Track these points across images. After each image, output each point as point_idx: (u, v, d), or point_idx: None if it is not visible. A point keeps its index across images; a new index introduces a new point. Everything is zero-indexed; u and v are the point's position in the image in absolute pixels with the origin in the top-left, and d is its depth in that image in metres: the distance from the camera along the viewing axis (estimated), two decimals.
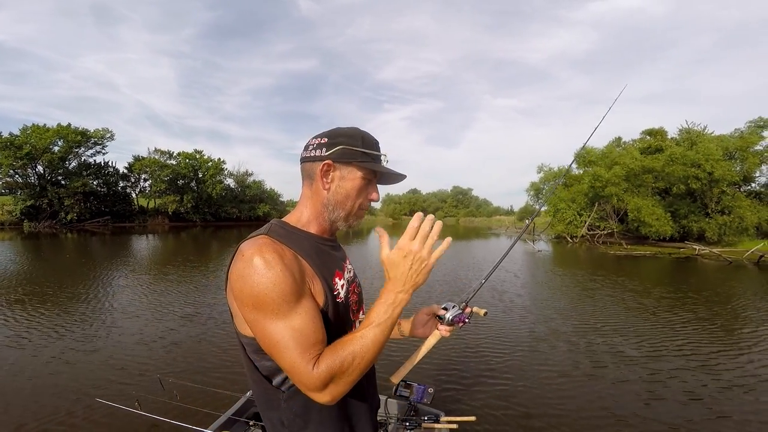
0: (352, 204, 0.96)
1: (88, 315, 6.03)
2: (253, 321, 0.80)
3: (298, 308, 0.79)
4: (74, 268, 10.72)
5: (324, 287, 0.88)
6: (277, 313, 0.77)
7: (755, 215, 20.99)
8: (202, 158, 41.69)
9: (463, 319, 1.07)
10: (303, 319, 0.79)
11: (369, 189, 0.99)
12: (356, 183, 0.95)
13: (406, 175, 1.02)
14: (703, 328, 5.86)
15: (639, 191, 23.62)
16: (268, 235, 0.87)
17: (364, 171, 0.95)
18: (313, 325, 0.80)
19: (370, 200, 0.99)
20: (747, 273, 12.31)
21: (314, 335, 0.79)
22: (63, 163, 34.02)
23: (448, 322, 1.06)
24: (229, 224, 40.20)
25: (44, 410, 3.23)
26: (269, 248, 0.80)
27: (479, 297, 7.09)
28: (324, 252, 0.96)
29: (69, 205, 32.88)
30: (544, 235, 29.75)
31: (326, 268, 0.92)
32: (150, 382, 3.68)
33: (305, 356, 0.76)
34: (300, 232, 0.95)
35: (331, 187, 0.94)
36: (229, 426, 1.98)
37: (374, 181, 1.00)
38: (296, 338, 0.77)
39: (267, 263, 0.78)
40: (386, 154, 1.01)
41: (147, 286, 8.25)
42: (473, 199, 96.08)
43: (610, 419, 3.26)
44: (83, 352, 4.54)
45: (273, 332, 0.77)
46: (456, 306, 1.08)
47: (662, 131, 27.58)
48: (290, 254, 0.84)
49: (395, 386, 1.84)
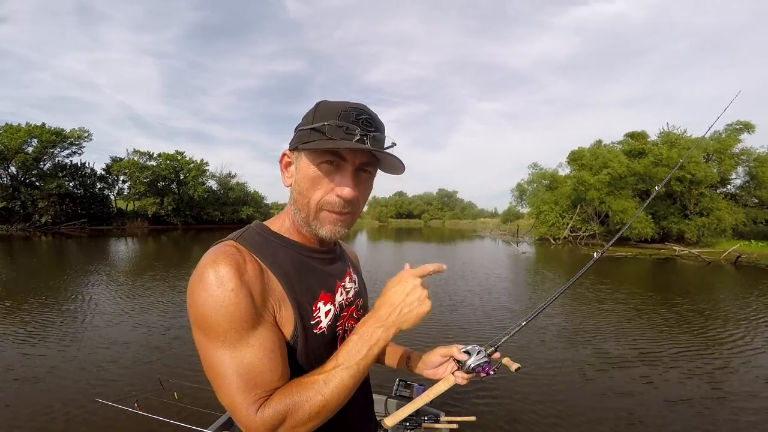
0: (307, 203, 0.73)
1: (87, 315, 6.03)
2: (197, 342, 0.66)
3: (251, 338, 0.64)
4: (65, 270, 10.35)
5: (294, 314, 0.72)
6: (223, 340, 0.63)
7: (732, 217, 21.52)
8: (183, 159, 40.80)
9: (488, 371, 0.85)
10: (254, 353, 0.64)
11: (335, 179, 0.72)
12: (307, 173, 0.72)
13: (400, 161, 0.74)
14: (685, 327, 5.86)
15: (621, 194, 24.01)
16: (237, 242, 0.72)
17: (314, 155, 0.72)
18: (268, 362, 0.65)
19: (338, 196, 0.72)
20: (725, 273, 12.52)
21: (266, 374, 0.64)
22: (37, 164, 32.90)
23: (468, 370, 0.85)
24: (211, 227, 39.45)
25: (44, 411, 3.20)
26: (227, 260, 0.65)
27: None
28: (308, 268, 0.78)
29: (43, 207, 31.78)
30: (528, 237, 30.05)
31: (305, 289, 0.75)
32: (150, 382, 3.65)
33: (249, 396, 0.63)
34: (280, 241, 0.78)
35: (292, 183, 0.76)
36: (228, 426, 1.95)
37: (345, 165, 0.72)
38: (242, 374, 0.63)
39: (219, 279, 0.63)
40: (369, 124, 0.72)
41: (145, 287, 8.05)
42: (458, 202, 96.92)
43: (609, 419, 3.27)
44: (83, 352, 4.51)
45: (215, 362, 0.64)
46: (482, 351, 0.86)
47: (644, 134, 28.18)
48: (255, 269, 0.69)
49: (395, 386, 1.86)
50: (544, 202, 27.55)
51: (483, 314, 6.50)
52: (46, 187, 32.17)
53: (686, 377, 4.10)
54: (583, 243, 24.47)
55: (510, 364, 0.96)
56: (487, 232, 41.02)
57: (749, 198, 23.98)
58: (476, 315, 6.44)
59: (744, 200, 24.04)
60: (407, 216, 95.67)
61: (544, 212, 27.19)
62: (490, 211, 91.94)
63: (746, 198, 24.07)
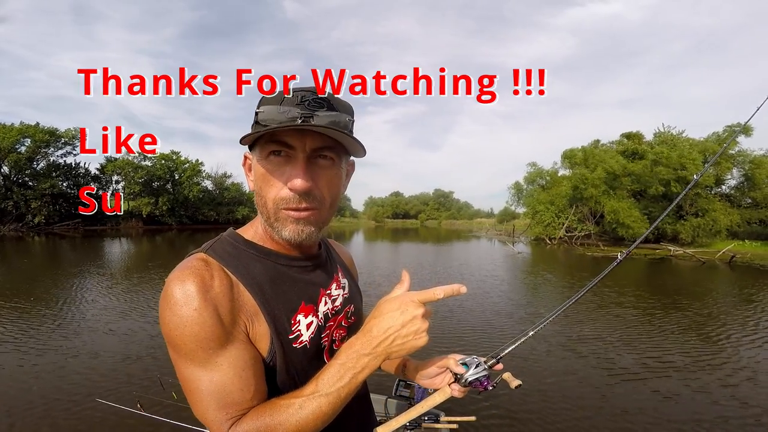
0: (264, 203, 0.68)
1: (86, 316, 6.00)
2: (171, 357, 0.64)
3: (220, 358, 0.61)
4: (60, 270, 10.24)
5: (270, 329, 0.67)
6: (192, 359, 0.61)
7: (727, 218, 21.66)
8: (178, 159, 40.54)
9: (486, 386, 0.77)
10: (223, 372, 0.61)
11: (287, 172, 0.65)
12: (258, 170, 0.68)
13: (357, 140, 0.68)
14: (683, 326, 5.85)
15: (616, 194, 24.12)
16: (207, 254, 0.68)
17: (260, 149, 0.67)
18: (239, 381, 0.62)
19: (290, 189, 0.65)
20: (720, 273, 12.58)
21: (238, 393, 0.61)
22: (30, 164, 32.59)
23: (465, 384, 0.77)
24: (206, 227, 39.21)
25: (45, 411, 3.19)
26: (193, 276, 0.62)
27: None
28: (286, 278, 0.73)
29: (36, 207, 31.47)
30: (524, 237, 30.11)
31: (282, 302, 0.70)
32: (150, 382, 3.65)
33: (220, 414, 0.60)
34: (253, 250, 0.72)
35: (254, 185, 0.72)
36: None
37: (295, 154, 0.65)
38: (212, 393, 0.61)
39: (185, 297, 0.60)
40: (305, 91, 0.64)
41: (143, 287, 8.02)
42: (455, 202, 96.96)
43: (609, 420, 3.27)
44: (82, 352, 4.49)
45: (187, 378, 0.62)
46: (481, 363, 0.78)
47: (639, 134, 28.33)
48: (223, 285, 0.64)
49: (395, 386, 1.88)
50: (540, 202, 27.62)
51: (482, 320, 6.43)
52: (39, 187, 31.87)
53: (699, 389, 4.06)
54: (578, 243, 24.54)
55: (510, 380, 0.87)
56: (483, 233, 41.08)
57: (743, 198, 24.15)
58: (475, 320, 6.36)
59: (738, 201, 24.21)
60: (404, 216, 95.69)
61: (540, 212, 27.26)
62: (487, 212, 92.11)
63: (740, 198, 24.24)
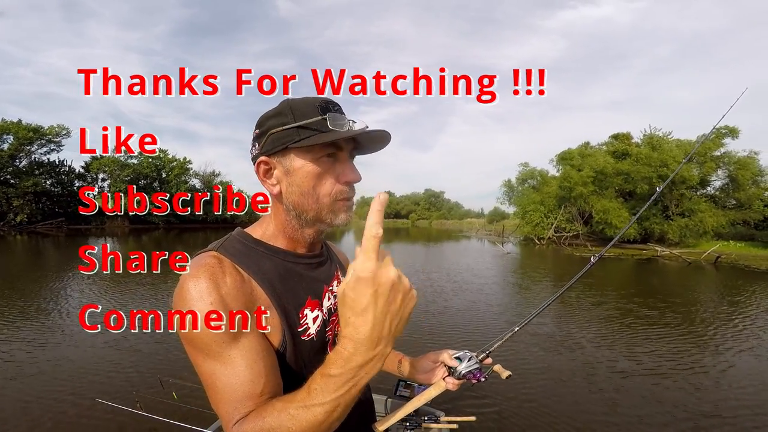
0: (316, 199, 0.73)
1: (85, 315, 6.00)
2: (187, 352, 0.68)
3: (233, 351, 0.64)
4: (52, 270, 10.00)
5: (282, 322, 0.71)
6: (207, 353, 0.64)
7: (713, 219, 21.97)
8: (166, 157, 39.96)
9: (478, 377, 0.86)
10: (237, 365, 0.63)
11: (336, 170, 0.74)
12: (309, 171, 0.71)
13: (388, 133, 0.72)
14: (668, 326, 5.87)
15: (604, 194, 24.33)
16: (218, 252, 0.72)
17: (312, 152, 0.71)
18: (250, 373, 0.63)
19: (346, 183, 0.74)
20: (706, 274, 12.72)
21: (249, 386, 0.63)
22: (12, 162, 31.86)
23: (459, 376, 0.86)
24: (194, 227, 38.80)
25: (45, 411, 3.18)
26: (207, 273, 0.66)
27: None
28: (293, 274, 0.78)
29: (18, 205, 30.81)
30: (513, 237, 30.27)
31: (291, 297, 0.75)
32: (150, 382, 3.65)
33: (230, 407, 0.63)
34: (263, 248, 0.77)
35: (282, 188, 0.74)
36: None
37: (341, 155, 0.74)
38: (225, 386, 0.63)
39: (199, 293, 0.64)
40: (341, 111, 0.74)
41: (140, 287, 7.94)
42: (445, 202, 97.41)
43: (608, 420, 3.26)
44: (82, 352, 4.49)
45: (203, 371, 0.65)
46: (473, 357, 0.87)
47: (628, 135, 28.62)
48: (236, 281, 0.68)
49: (395, 386, 1.92)
50: (531, 202, 27.78)
51: (472, 317, 6.42)
52: (21, 185, 31.19)
53: (688, 387, 4.06)
54: (567, 243, 24.74)
55: (501, 371, 0.94)
56: (473, 233, 41.27)
57: (728, 200, 24.52)
58: (465, 318, 6.35)
59: (723, 202, 24.57)
60: (395, 216, 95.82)
61: (530, 212, 27.40)
62: (477, 212, 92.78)
63: (725, 200, 24.60)
